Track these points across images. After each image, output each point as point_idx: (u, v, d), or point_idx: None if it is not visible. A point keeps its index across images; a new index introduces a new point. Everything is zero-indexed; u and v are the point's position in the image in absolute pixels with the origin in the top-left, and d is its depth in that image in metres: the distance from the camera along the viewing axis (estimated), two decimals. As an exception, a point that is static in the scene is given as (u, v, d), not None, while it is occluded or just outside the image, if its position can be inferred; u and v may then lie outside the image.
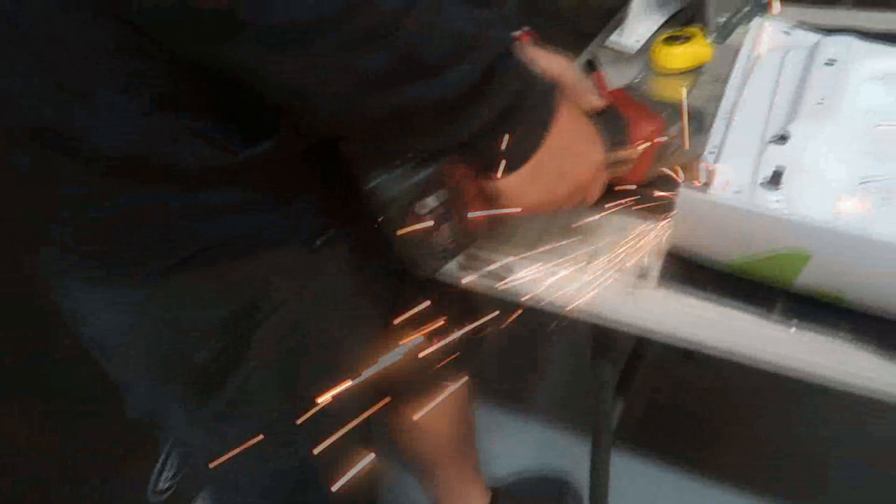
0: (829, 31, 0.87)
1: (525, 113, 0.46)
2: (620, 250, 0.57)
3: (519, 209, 0.51)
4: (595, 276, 0.56)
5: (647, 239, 0.57)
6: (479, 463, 1.15)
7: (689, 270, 0.53)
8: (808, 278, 0.47)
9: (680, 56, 0.81)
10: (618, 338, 0.66)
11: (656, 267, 0.55)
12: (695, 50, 0.81)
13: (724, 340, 0.52)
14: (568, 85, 0.53)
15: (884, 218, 0.52)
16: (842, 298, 0.48)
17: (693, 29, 0.85)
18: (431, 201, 0.48)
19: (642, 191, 0.59)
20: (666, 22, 0.97)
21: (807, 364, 0.49)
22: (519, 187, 0.49)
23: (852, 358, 0.47)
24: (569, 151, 0.49)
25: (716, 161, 0.62)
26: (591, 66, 0.87)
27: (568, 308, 0.58)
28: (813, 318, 0.48)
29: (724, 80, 0.81)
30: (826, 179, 0.58)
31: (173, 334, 0.56)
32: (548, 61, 0.55)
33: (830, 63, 0.71)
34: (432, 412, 0.69)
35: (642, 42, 0.93)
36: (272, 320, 0.58)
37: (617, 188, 0.59)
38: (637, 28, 0.94)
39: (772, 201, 0.55)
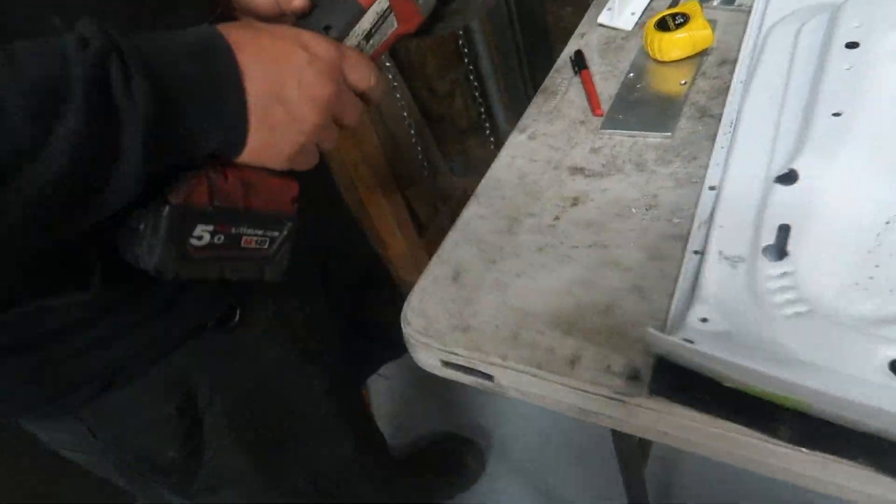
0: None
1: (195, 97, 0.40)
2: (605, 350, 0.50)
3: (291, 159, 0.47)
4: (581, 381, 0.50)
5: (634, 334, 0.50)
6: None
7: (682, 379, 0.46)
8: (819, 413, 0.40)
9: (675, 44, 0.70)
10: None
11: (647, 369, 0.48)
12: (692, 36, 0.69)
13: (727, 453, 0.46)
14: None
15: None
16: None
17: (690, 3, 0.72)
18: (201, 231, 0.45)
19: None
20: (664, -16, 0.83)
21: (824, 483, 0.43)
22: (265, 149, 0.45)
23: (872, 479, 0.41)
24: (286, 79, 0.44)
25: (714, 208, 0.54)
26: (577, 64, 0.76)
27: (556, 406, 0.53)
28: (825, 446, 0.41)
29: (733, 63, 0.70)
30: (842, 240, 0.49)
31: (133, 440, 0.61)
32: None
33: (853, 46, 0.59)
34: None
35: (638, 16, 0.81)
36: (214, 408, 0.62)
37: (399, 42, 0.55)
38: (630, 0, 0.81)
39: (774, 278, 0.47)
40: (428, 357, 0.57)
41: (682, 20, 0.70)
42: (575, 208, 0.62)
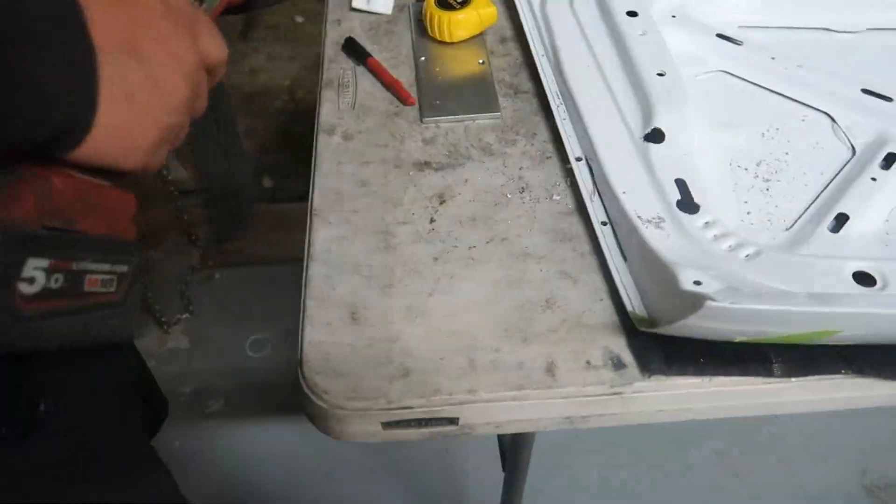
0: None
1: (28, 35, 0.26)
2: (575, 347, 0.45)
3: (150, 152, 0.33)
4: (569, 387, 0.44)
5: (591, 321, 0.47)
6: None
7: (671, 349, 0.44)
8: (832, 341, 0.42)
9: (463, 24, 0.67)
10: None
11: (626, 352, 0.45)
12: (479, 14, 0.67)
13: (717, 409, 0.46)
14: None
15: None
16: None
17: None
18: (33, 269, 0.28)
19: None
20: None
21: (802, 404, 0.47)
22: (120, 134, 0.30)
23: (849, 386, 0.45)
24: (141, 30, 0.31)
25: (603, 177, 0.53)
26: (358, 53, 0.68)
27: (535, 426, 0.47)
28: (812, 369, 0.44)
29: (514, 39, 0.70)
30: (718, 185, 0.54)
31: None
32: None
33: (633, 14, 0.65)
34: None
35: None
36: None
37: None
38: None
39: (703, 230, 0.49)
40: (364, 425, 0.44)
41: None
42: (446, 206, 0.55)
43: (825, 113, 0.61)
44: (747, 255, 0.46)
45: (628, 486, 1.17)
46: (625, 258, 0.49)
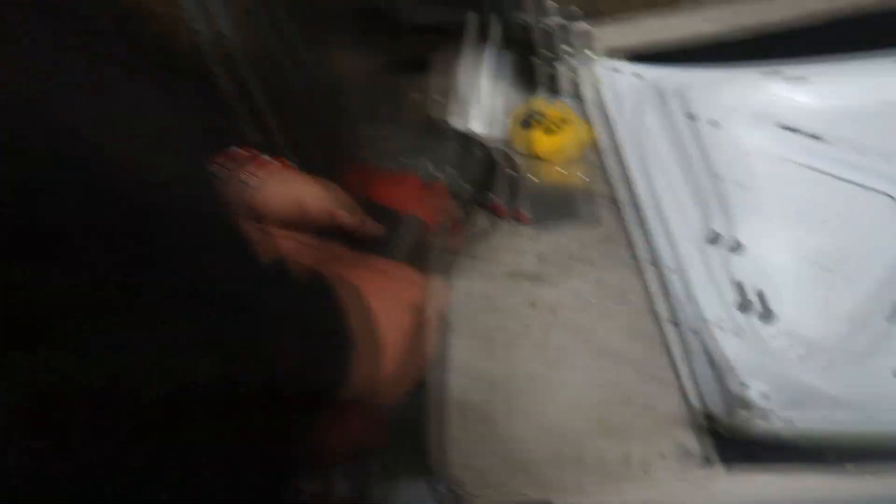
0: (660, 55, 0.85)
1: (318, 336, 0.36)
2: (667, 442, 0.55)
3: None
4: (654, 479, 0.53)
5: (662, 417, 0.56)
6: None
7: (750, 447, 0.52)
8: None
9: (565, 144, 0.78)
10: None
11: (708, 446, 0.53)
12: (578, 132, 0.78)
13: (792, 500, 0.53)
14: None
15: None
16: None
17: (553, 109, 0.81)
18: None
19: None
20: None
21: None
22: (389, 382, 0.40)
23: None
24: (393, 313, 0.42)
25: (681, 283, 0.61)
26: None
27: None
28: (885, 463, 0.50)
29: (604, 150, 0.79)
30: (803, 290, 0.60)
31: None
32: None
33: (714, 124, 0.73)
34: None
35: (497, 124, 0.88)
36: None
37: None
38: (482, 111, 0.88)
39: (778, 339, 0.56)
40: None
41: (553, 125, 0.78)
42: (554, 315, 0.65)
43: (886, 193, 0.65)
44: (823, 368, 0.53)
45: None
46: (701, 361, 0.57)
